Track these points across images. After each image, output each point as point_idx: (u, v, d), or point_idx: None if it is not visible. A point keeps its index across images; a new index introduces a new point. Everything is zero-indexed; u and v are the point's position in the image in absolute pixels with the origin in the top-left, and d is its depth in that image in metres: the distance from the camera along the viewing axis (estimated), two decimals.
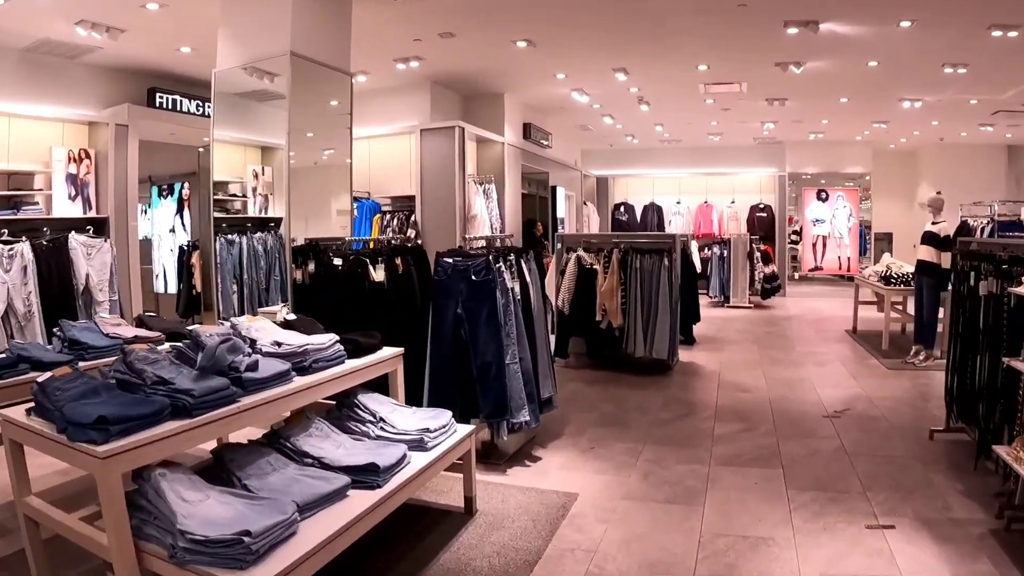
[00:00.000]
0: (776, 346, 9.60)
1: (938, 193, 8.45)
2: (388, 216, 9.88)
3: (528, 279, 5.41)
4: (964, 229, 10.27)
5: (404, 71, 9.25)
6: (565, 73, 10.04)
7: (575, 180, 15.49)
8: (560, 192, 13.77)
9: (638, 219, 17.03)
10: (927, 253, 7.99)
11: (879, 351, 8.82)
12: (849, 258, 15.76)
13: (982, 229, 9.66)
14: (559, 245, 8.51)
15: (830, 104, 11.56)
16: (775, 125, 13.50)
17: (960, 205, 11.42)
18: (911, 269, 9.03)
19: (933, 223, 8.10)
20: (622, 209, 17.20)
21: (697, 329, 10.18)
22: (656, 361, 7.83)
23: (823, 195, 15.81)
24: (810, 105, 11.72)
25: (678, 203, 16.72)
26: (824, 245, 15.82)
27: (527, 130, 12.22)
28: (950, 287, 9.70)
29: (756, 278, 13.62)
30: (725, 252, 13.88)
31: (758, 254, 13.75)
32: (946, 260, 7.79)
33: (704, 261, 14.12)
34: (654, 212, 16.83)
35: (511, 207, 11.02)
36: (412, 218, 9.69)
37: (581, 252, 8.03)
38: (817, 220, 15.85)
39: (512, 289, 5.08)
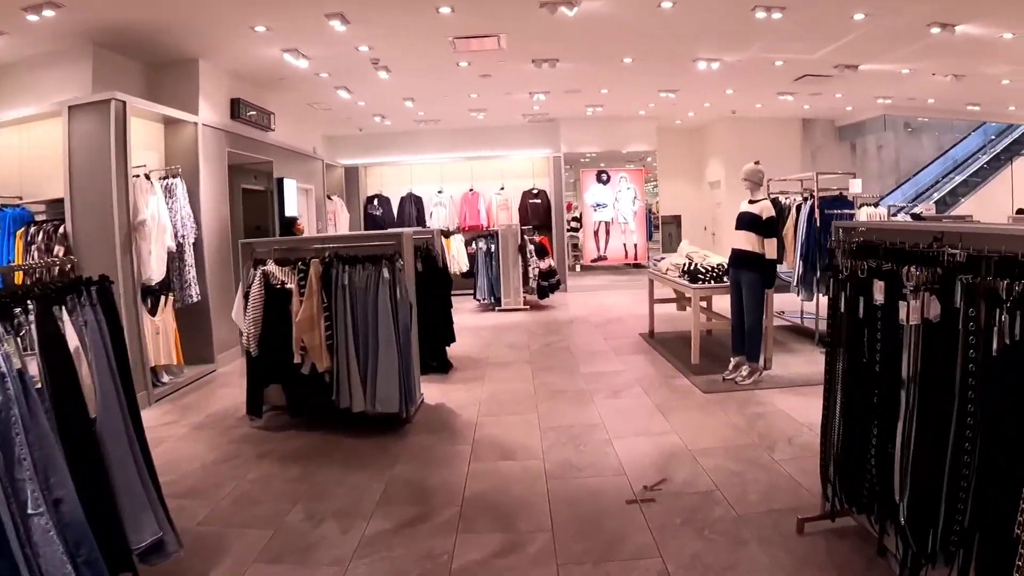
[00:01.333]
0: (557, 366, 7.46)
1: (756, 163, 6.66)
2: (34, 229, 6.77)
3: (84, 343, 2.74)
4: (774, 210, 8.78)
5: (41, 24, 6.44)
6: (266, 24, 7.32)
7: (315, 171, 12.73)
8: (290, 186, 11.00)
9: (394, 213, 14.58)
10: (747, 241, 6.20)
11: (687, 364, 6.94)
12: (636, 245, 14.25)
13: (798, 207, 8.14)
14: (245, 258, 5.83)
15: (611, 67, 9.68)
16: (546, 97, 11.50)
17: (768, 180, 9.94)
18: (719, 260, 7.24)
19: (751, 201, 6.33)
20: (375, 203, 14.66)
21: (458, 347, 7.94)
22: (387, 414, 5.38)
23: (604, 177, 14.19)
24: (587, 69, 9.77)
25: (440, 192, 14.44)
26: (608, 232, 14.21)
27: (236, 107, 9.33)
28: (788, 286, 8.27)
29: (531, 275, 11.59)
30: (493, 247, 11.74)
31: (531, 247, 11.74)
32: (771, 248, 6.01)
33: (471, 258, 11.93)
34: (412, 204, 14.44)
35: (214, 207, 8.16)
36: (61, 230, 6.64)
37: (271, 267, 5.40)
38: (598, 205, 14.20)
39: (16, 375, 2.41)
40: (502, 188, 14.35)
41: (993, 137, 17.18)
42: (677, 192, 15.95)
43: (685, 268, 7.20)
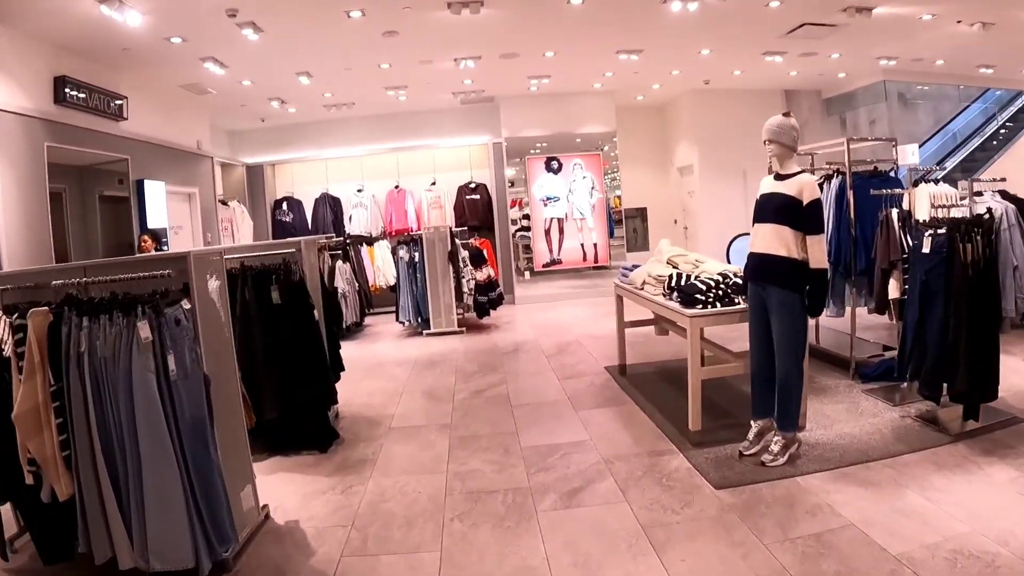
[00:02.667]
0: (486, 434, 5.04)
1: (785, 114, 4.20)
2: None
3: None
4: None
5: None
6: None
7: (201, 171, 10.23)
8: (155, 189, 8.51)
9: (307, 218, 12.11)
10: (776, 239, 3.93)
11: (680, 427, 4.65)
12: (596, 244, 11.93)
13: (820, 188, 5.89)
14: None
15: (555, 15, 7.33)
16: (477, 65, 9.10)
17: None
18: (720, 267, 4.95)
19: (780, 176, 4.04)
20: (285, 207, 12.14)
21: (358, 396, 5.70)
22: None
23: (555, 165, 11.84)
24: (523, 18, 7.40)
25: (359, 191, 11.99)
26: (561, 231, 11.89)
27: (60, 88, 6.85)
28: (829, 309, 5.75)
29: (465, 289, 9.21)
30: (417, 255, 9.35)
31: (465, 254, 9.34)
32: (817, 251, 3.73)
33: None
34: (328, 206, 11.97)
35: (23, 216, 5.71)
36: None
37: None
38: (549, 198, 11.85)
39: None
40: (433, 183, 11.95)
41: (995, 110, 15.22)
42: (641, 181, 13.69)
43: (672, 282, 4.84)
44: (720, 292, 4.53)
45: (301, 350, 4.80)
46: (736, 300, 4.54)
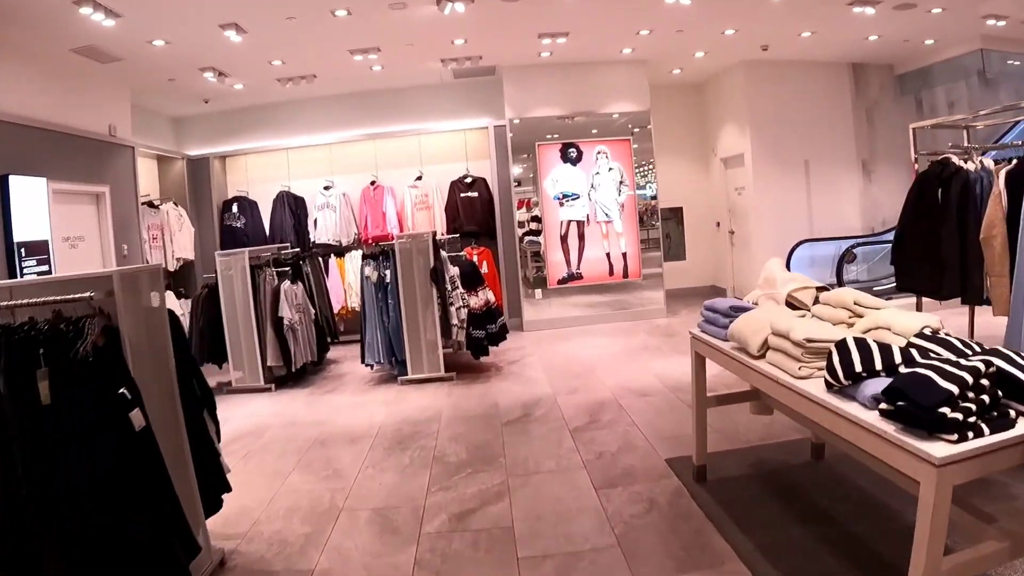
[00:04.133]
0: None
1: None
2: None
3: None
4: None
5: None
6: None
7: (118, 164, 7.82)
8: (29, 188, 6.10)
9: (264, 223, 9.69)
10: None
11: None
12: (626, 254, 9.43)
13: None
14: None
15: None
16: (467, 10, 6.64)
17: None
18: (917, 323, 2.45)
19: None
20: (235, 209, 9.70)
21: (268, 515, 3.36)
22: None
23: (573, 153, 9.34)
24: None
25: (327, 189, 9.56)
26: (581, 237, 9.38)
27: None
28: None
29: (454, 320, 6.73)
30: (388, 274, 6.90)
31: (453, 272, 6.86)
32: None
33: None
34: (288, 208, 9.54)
35: None
36: None
37: None
38: (566, 196, 9.33)
39: None
40: (419, 178, 9.50)
41: None
42: (676, 175, 11.19)
43: (858, 364, 2.33)
44: (980, 397, 2.01)
45: (106, 492, 2.33)
46: (1010, 414, 2.04)
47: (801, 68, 10.05)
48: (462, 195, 9.36)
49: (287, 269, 7.53)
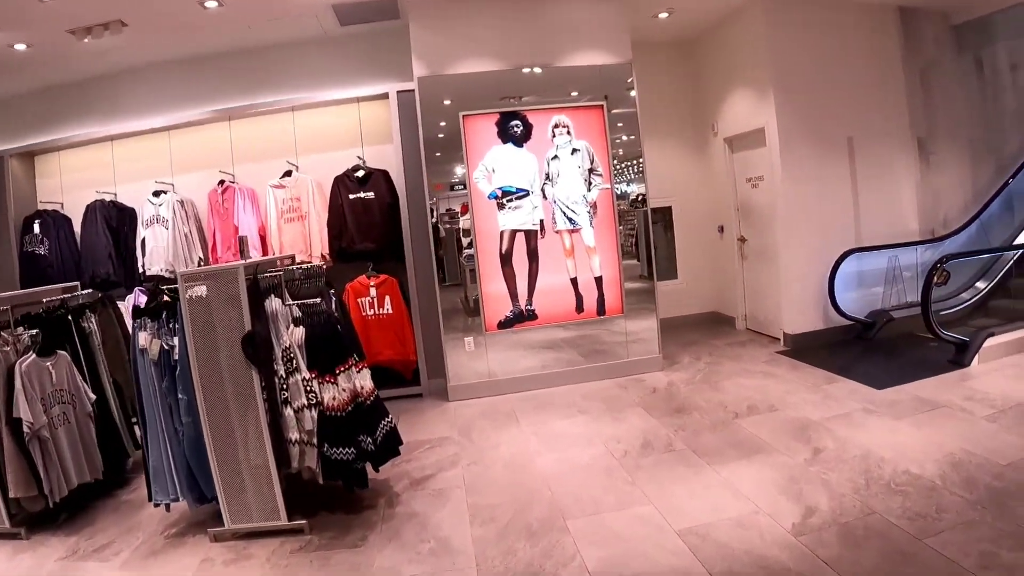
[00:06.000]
0: None
1: None
2: None
3: None
4: None
5: None
6: None
7: None
8: None
9: (75, 247, 6.46)
10: None
11: None
12: (600, 279, 6.31)
13: None
14: None
15: None
16: None
17: None
18: None
19: None
20: (36, 229, 6.41)
21: None
22: None
23: (517, 128, 6.17)
24: None
25: (157, 195, 6.32)
26: (534, 254, 6.22)
27: None
28: None
29: (295, 433, 3.55)
30: (178, 344, 3.72)
31: (291, 337, 3.65)
32: None
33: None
34: (101, 226, 6.30)
35: None
36: None
37: None
38: (508, 193, 6.17)
39: None
40: (287, 174, 6.31)
41: None
42: (662, 162, 8.13)
43: None
44: None
45: None
46: None
47: (832, 15, 7.11)
48: (352, 197, 6.17)
49: (36, 332, 4.28)
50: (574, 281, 6.21)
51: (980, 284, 7.41)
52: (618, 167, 6.47)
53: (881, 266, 7.16)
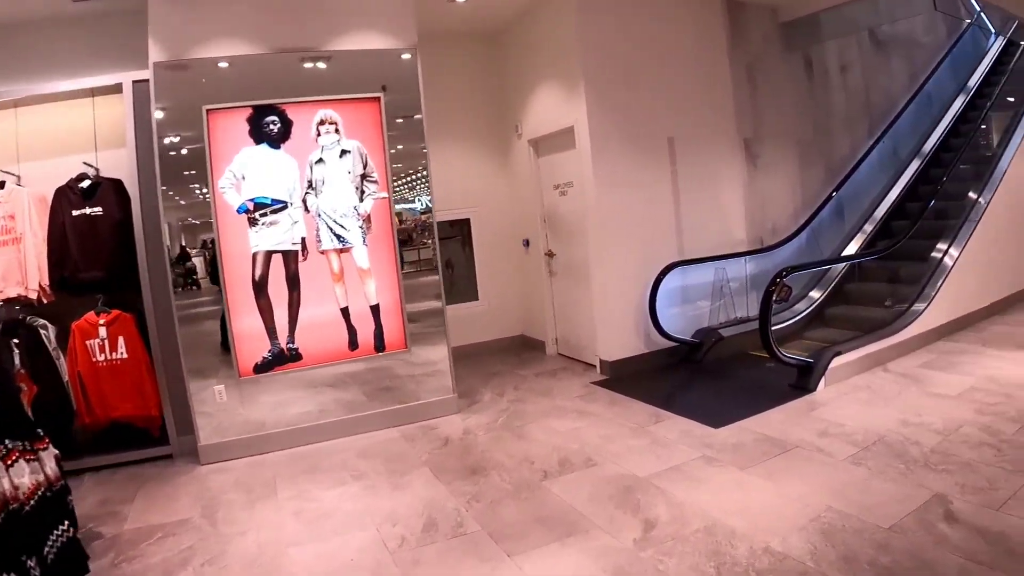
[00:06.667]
0: None
1: None
2: None
3: None
4: None
5: None
6: None
7: None
8: None
9: None
10: None
11: None
12: (377, 307, 5.31)
13: None
14: None
15: None
16: None
17: None
18: None
19: None
20: None
21: None
22: None
23: (272, 125, 5.09)
24: None
25: None
26: (294, 280, 5.14)
27: None
28: None
29: None
30: None
31: None
32: None
33: None
34: None
35: None
36: None
37: None
38: (262, 206, 5.08)
39: None
40: (1, 185, 5.04)
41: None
42: (458, 168, 7.27)
43: None
44: None
45: None
46: None
47: (655, 4, 6.45)
48: (75, 213, 4.94)
49: None
50: (345, 311, 5.19)
51: (815, 294, 6.94)
52: (403, 175, 5.51)
53: (707, 280, 6.53)
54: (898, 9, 9.24)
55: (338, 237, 5.13)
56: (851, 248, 7.44)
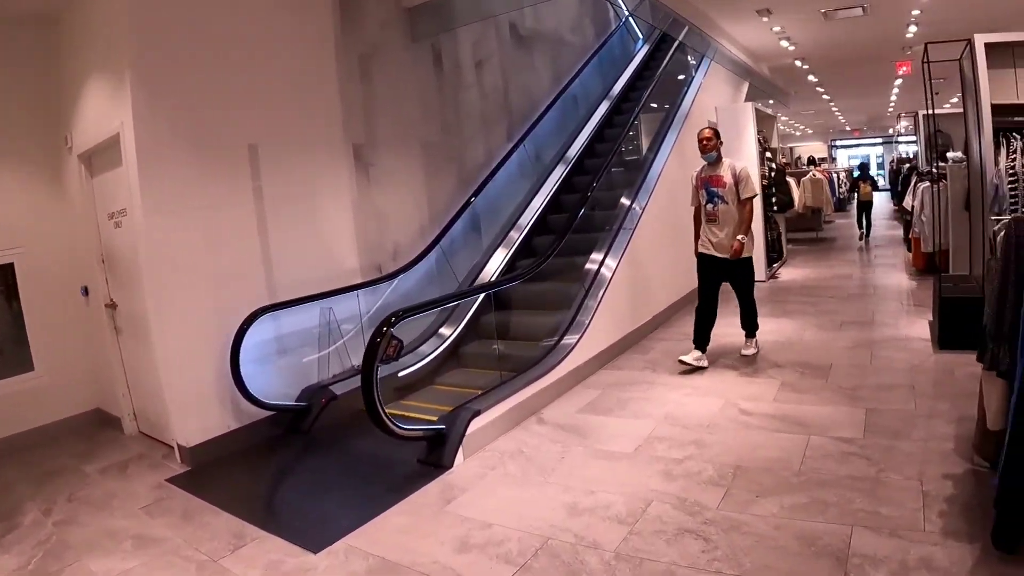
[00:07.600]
0: None
1: None
2: None
3: None
4: None
5: None
6: None
7: None
8: None
9: None
10: None
11: None
12: None
13: None
14: None
15: None
16: None
17: None
18: None
19: None
20: None
21: None
22: None
23: None
24: None
25: None
26: None
27: None
28: None
29: None
30: None
31: None
32: None
33: None
34: None
35: None
36: None
37: None
38: None
39: None
40: None
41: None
42: None
43: None
44: None
45: None
46: None
47: None
48: None
49: None
50: None
51: (445, 331, 5.88)
52: None
53: (312, 324, 5.18)
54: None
55: None
56: (492, 265, 6.55)
